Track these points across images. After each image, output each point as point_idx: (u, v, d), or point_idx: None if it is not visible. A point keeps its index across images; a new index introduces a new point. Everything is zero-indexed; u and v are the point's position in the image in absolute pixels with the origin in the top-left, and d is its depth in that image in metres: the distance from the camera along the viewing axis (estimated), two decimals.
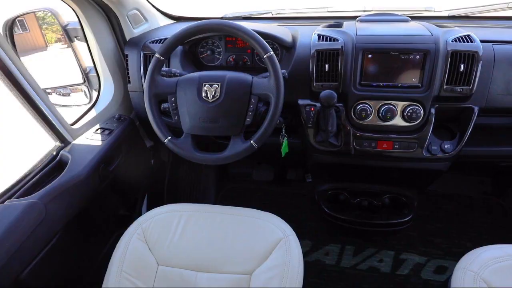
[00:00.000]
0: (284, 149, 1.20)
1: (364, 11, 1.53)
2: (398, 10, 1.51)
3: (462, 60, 1.03)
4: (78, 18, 1.27)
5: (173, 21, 1.71)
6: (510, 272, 0.87)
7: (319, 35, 1.15)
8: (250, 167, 2.04)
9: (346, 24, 1.24)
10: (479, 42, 1.05)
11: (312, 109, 1.16)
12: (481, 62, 1.03)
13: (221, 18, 1.72)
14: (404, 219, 1.39)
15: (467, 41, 1.06)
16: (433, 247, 1.61)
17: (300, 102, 1.18)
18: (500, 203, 1.80)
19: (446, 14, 1.54)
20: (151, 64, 1.04)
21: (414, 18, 1.49)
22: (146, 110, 1.05)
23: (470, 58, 1.03)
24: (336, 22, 1.33)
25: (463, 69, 1.04)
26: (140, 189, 1.64)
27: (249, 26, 1.25)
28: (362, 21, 1.29)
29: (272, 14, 1.65)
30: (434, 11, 1.54)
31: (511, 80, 1.09)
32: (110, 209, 1.39)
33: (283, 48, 1.28)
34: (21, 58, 1.08)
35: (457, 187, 1.87)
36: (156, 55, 1.03)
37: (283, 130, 1.18)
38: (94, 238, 1.29)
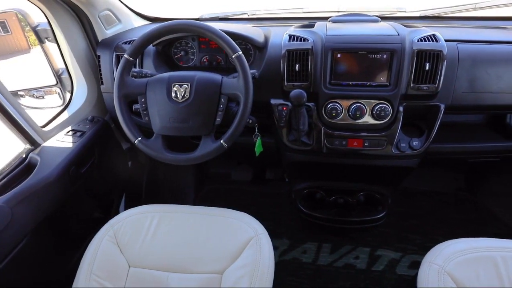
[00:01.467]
0: (258, 149, 1.21)
1: (338, 11, 1.55)
2: (371, 11, 1.54)
3: (428, 59, 1.06)
4: (47, 19, 1.26)
5: (149, 22, 1.71)
6: (473, 265, 0.89)
7: (290, 35, 1.17)
8: (229, 168, 2.04)
9: (317, 24, 1.26)
10: (444, 41, 1.08)
11: (284, 108, 1.17)
12: (445, 61, 1.06)
13: (198, 19, 1.73)
14: (378, 216, 1.42)
15: (432, 41, 1.08)
16: (408, 243, 1.64)
17: (273, 101, 1.19)
18: (472, 199, 1.85)
19: (417, 14, 1.58)
20: (120, 65, 1.04)
21: (386, 18, 1.52)
22: (115, 111, 1.05)
23: (435, 57, 1.05)
24: (310, 22, 1.34)
25: (429, 67, 1.06)
26: (116, 191, 1.62)
27: (222, 27, 1.26)
28: (333, 21, 1.31)
29: (248, 15, 1.66)
30: (406, 11, 1.57)
31: (474, 79, 1.12)
32: (85, 212, 1.38)
33: (256, 48, 1.29)
34: (3, 61, 1.06)
35: (431, 184, 1.91)
36: (125, 55, 1.03)
37: (256, 130, 1.18)
38: (67, 241, 1.27)
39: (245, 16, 1.67)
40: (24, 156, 1.16)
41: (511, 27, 1.40)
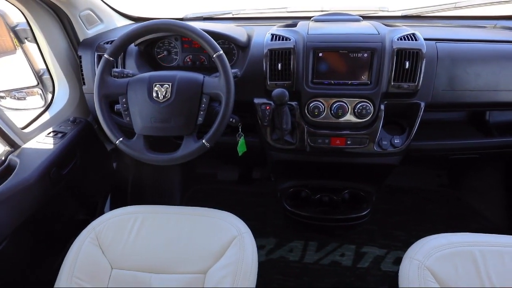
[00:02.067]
0: (241, 148, 1.21)
1: (322, 11, 1.56)
2: (354, 10, 1.56)
3: (407, 58, 1.07)
4: (26, 19, 1.24)
5: (132, 22, 1.69)
6: (452, 259, 0.91)
7: (272, 35, 1.17)
8: (216, 168, 2.04)
9: (300, 24, 1.27)
10: (423, 40, 1.10)
11: (268, 107, 1.17)
12: (424, 59, 1.07)
13: (182, 18, 1.72)
14: (363, 213, 1.43)
15: (412, 40, 1.10)
16: (393, 239, 1.67)
17: (256, 101, 1.19)
18: (455, 195, 1.88)
19: (399, 14, 1.60)
20: (100, 65, 1.03)
21: (368, 18, 1.54)
22: (96, 111, 1.04)
23: (415, 55, 1.07)
24: (294, 22, 1.35)
25: (408, 66, 1.07)
26: (101, 192, 1.61)
27: (205, 27, 1.26)
28: (316, 20, 1.32)
29: (233, 14, 1.66)
30: (388, 11, 1.59)
31: (453, 77, 1.14)
32: (68, 214, 1.36)
33: (239, 48, 1.29)
34: None
35: (415, 181, 1.94)
36: (105, 55, 1.02)
37: (240, 129, 1.18)
38: (49, 244, 1.25)
39: (230, 15, 1.67)
40: (3, 158, 1.14)
41: (489, 26, 1.44)
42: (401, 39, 1.09)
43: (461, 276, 0.88)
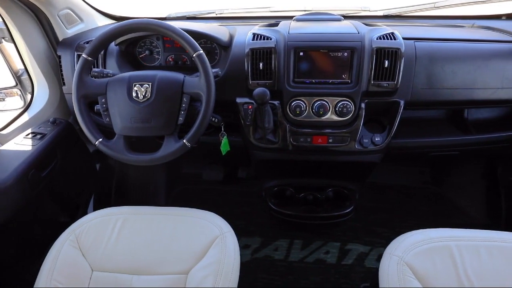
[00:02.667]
0: (224, 147, 1.21)
1: (304, 11, 1.57)
2: (336, 10, 1.58)
3: (386, 57, 1.09)
4: (3, 19, 1.21)
5: (114, 21, 1.67)
6: (430, 254, 0.93)
7: (253, 34, 1.17)
8: (201, 168, 2.03)
9: (281, 23, 1.27)
10: (402, 39, 1.11)
11: (250, 107, 1.18)
12: (403, 58, 1.09)
13: (165, 18, 1.71)
14: (346, 211, 1.45)
15: (391, 39, 1.11)
16: (376, 236, 1.69)
17: (238, 100, 1.19)
18: (437, 191, 1.91)
19: (381, 13, 1.62)
20: (78, 65, 1.01)
21: (350, 17, 1.56)
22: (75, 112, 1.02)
23: (393, 54, 1.09)
24: (277, 21, 1.35)
25: (388, 65, 1.09)
26: (83, 194, 1.58)
27: (187, 26, 1.25)
28: (297, 20, 1.33)
29: (216, 14, 1.66)
30: (370, 10, 1.61)
31: (431, 75, 1.16)
32: (47, 216, 1.33)
33: (221, 47, 1.29)
34: None
35: (399, 178, 1.97)
36: (83, 55, 1.01)
37: (223, 128, 1.18)
38: (29, 248, 1.23)
39: (213, 15, 1.66)
40: None
41: (467, 26, 1.47)
42: (380, 38, 1.11)
43: (439, 271, 0.90)
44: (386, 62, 1.09)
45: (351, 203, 1.46)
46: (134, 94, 1.00)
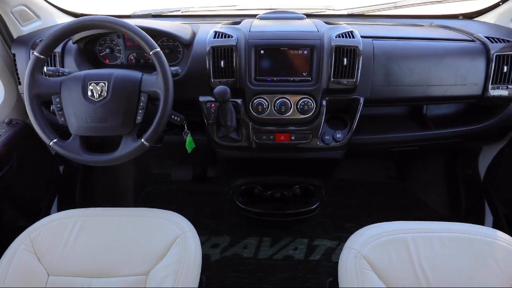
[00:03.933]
0: (189, 145, 1.20)
1: (270, 9, 1.58)
2: (301, 8, 1.59)
3: (345, 55, 1.11)
4: None
5: (74, 19, 1.62)
6: (386, 247, 0.95)
7: (215, 32, 1.17)
8: (170, 168, 2.01)
9: (244, 21, 1.27)
10: (360, 38, 1.14)
11: (213, 105, 1.17)
12: (361, 56, 1.11)
13: (130, 15, 1.68)
14: (312, 207, 1.47)
15: (349, 37, 1.13)
16: (344, 231, 1.72)
17: (201, 98, 1.18)
18: (402, 186, 1.97)
19: (345, 12, 1.65)
20: (29, 64, 0.98)
21: (314, 16, 1.58)
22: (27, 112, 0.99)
23: (352, 52, 1.11)
24: (241, 19, 1.35)
25: (347, 62, 1.11)
26: (45, 197, 1.53)
27: (150, 24, 1.23)
28: (260, 18, 1.33)
29: (182, 12, 1.65)
30: (334, 10, 1.63)
31: (389, 73, 1.19)
32: (3, 220, 1.28)
33: (183, 46, 1.28)
34: None
35: (365, 174, 2.01)
36: (35, 53, 0.97)
37: (186, 127, 1.17)
38: None
39: (179, 13, 1.65)
40: None
41: (426, 25, 1.51)
42: (339, 37, 1.13)
43: (394, 262, 0.92)
44: (345, 60, 1.11)
45: (317, 199, 1.48)
46: (89, 93, 0.98)
